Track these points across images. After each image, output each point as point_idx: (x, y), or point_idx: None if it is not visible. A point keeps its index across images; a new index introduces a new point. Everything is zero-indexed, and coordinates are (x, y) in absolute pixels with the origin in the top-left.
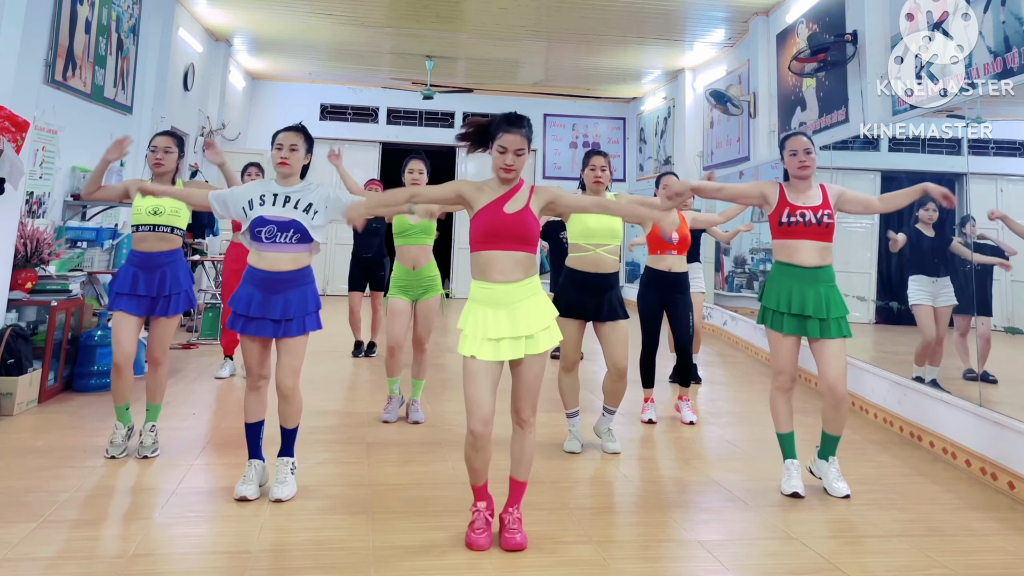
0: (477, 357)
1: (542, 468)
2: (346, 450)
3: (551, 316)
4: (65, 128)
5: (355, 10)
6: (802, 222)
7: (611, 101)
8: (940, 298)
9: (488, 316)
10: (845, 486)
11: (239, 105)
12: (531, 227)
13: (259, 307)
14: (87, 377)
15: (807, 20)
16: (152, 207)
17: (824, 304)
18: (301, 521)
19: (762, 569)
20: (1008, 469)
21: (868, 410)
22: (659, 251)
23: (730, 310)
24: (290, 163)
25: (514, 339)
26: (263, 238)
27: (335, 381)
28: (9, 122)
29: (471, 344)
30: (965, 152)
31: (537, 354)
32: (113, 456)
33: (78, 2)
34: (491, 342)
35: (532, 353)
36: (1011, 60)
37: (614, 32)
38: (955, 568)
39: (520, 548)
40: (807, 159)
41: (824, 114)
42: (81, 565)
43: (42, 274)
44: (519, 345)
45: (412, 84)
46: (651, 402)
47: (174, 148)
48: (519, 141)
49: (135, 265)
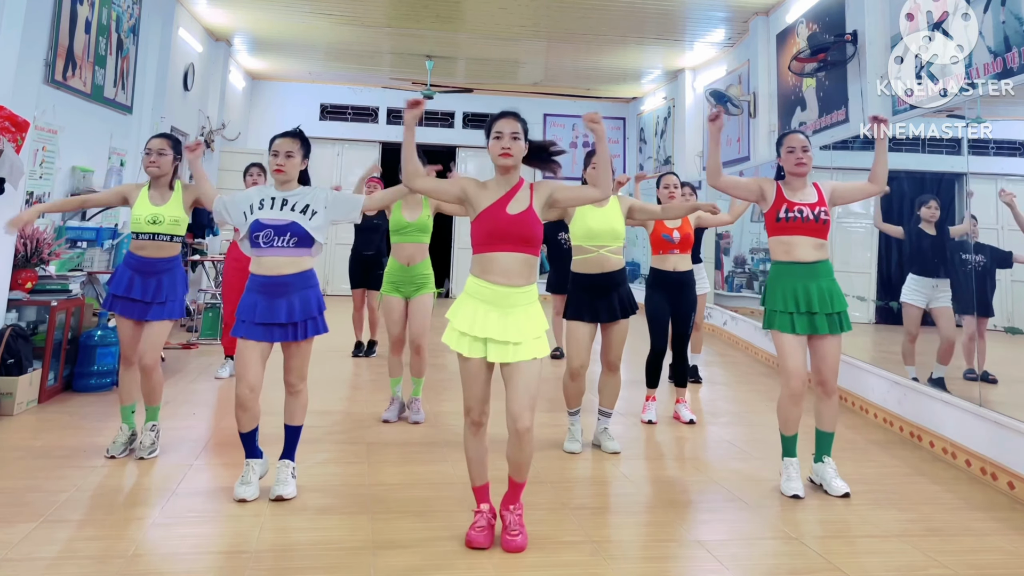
0: (459, 352)
1: (542, 468)
2: (346, 450)
3: (543, 327)
4: (65, 128)
5: (355, 10)
6: (799, 218)
7: (611, 101)
8: (935, 300)
9: (479, 312)
10: (844, 484)
11: (239, 105)
12: (534, 228)
13: (264, 313)
14: (87, 377)
15: (807, 20)
16: (151, 216)
17: (828, 298)
18: (301, 521)
19: (762, 569)
20: (1008, 469)
21: (868, 410)
22: (662, 251)
23: (730, 310)
24: (286, 170)
25: (502, 343)
26: (260, 243)
27: (335, 381)
28: (9, 122)
29: (455, 337)
30: (965, 152)
31: (526, 361)
32: (113, 456)
33: (78, 2)
34: (476, 340)
35: (516, 359)
36: (1011, 60)
37: (614, 32)
38: (955, 568)
39: (520, 549)
40: (804, 156)
41: (824, 114)
42: (81, 565)
43: (42, 274)
44: (506, 350)
45: (412, 84)
46: (652, 401)
47: (168, 150)
48: (513, 125)
49: (132, 268)
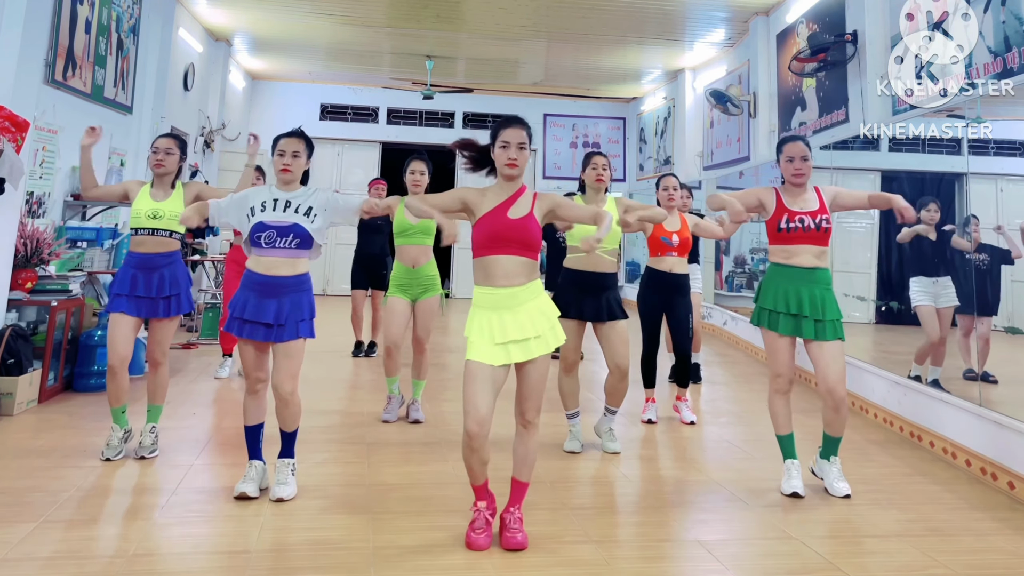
0: (487, 363)
1: (542, 468)
2: (346, 450)
3: (554, 315)
4: (65, 128)
5: (355, 10)
6: (801, 228)
7: (611, 101)
8: (941, 298)
9: (493, 321)
10: (846, 486)
11: (239, 105)
12: (534, 233)
13: (253, 311)
14: (87, 377)
15: (807, 20)
16: (152, 211)
17: (820, 305)
18: (301, 521)
19: (762, 569)
20: (1008, 469)
21: (868, 410)
22: (660, 253)
23: (730, 310)
24: (292, 170)
25: (522, 341)
26: (262, 243)
27: (335, 381)
28: (9, 122)
29: (479, 350)
30: (965, 152)
31: (540, 356)
32: (108, 458)
33: (78, 2)
34: (499, 346)
35: (542, 353)
36: (1011, 60)
37: (614, 32)
38: (955, 568)
39: (521, 548)
40: (803, 166)
41: (824, 114)
42: (81, 565)
43: (42, 274)
44: (528, 346)
45: (412, 84)
46: (652, 402)
47: (175, 150)
48: (520, 135)
49: (134, 267)
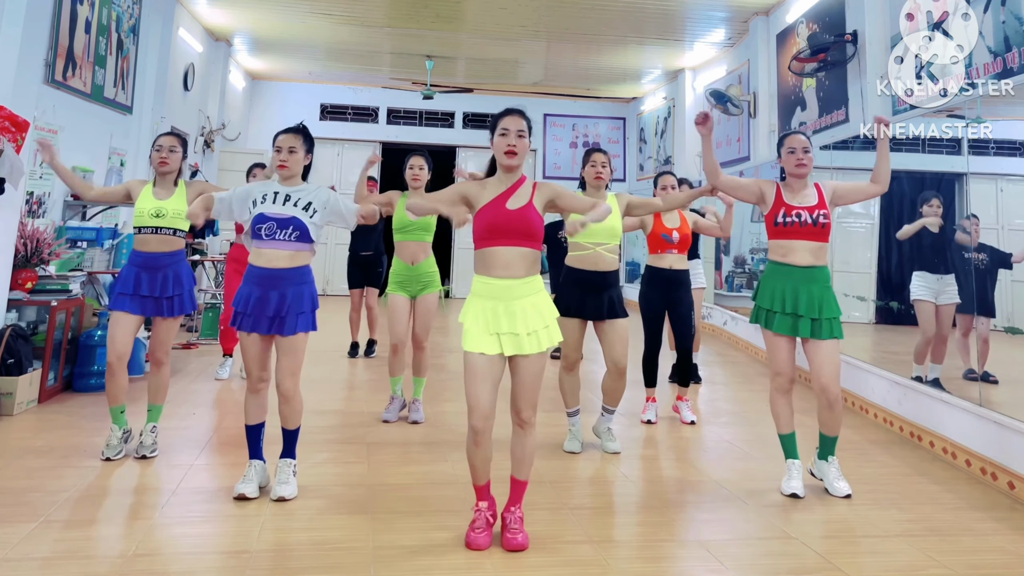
0: (481, 351)
1: (542, 468)
2: (346, 450)
3: (552, 315)
4: (65, 128)
5: (355, 10)
6: (798, 222)
7: (611, 101)
8: (943, 295)
9: (488, 309)
10: (846, 485)
11: (239, 105)
12: (534, 223)
13: (256, 303)
14: (87, 377)
15: (807, 20)
16: (155, 209)
17: (817, 304)
18: (301, 521)
19: (762, 569)
20: (1008, 469)
21: (868, 410)
22: (659, 250)
23: (730, 310)
24: (289, 165)
25: (514, 335)
26: (263, 235)
27: (335, 381)
28: (9, 122)
29: (474, 338)
30: (965, 152)
31: (537, 352)
32: (108, 458)
33: (78, 2)
34: (493, 335)
35: (533, 351)
36: (1011, 60)
37: (614, 32)
38: (955, 568)
39: (522, 548)
40: (805, 157)
41: (824, 114)
42: (81, 565)
43: (42, 274)
44: (519, 341)
45: (412, 84)
46: (652, 401)
47: (178, 148)
48: (519, 123)
49: (137, 265)
